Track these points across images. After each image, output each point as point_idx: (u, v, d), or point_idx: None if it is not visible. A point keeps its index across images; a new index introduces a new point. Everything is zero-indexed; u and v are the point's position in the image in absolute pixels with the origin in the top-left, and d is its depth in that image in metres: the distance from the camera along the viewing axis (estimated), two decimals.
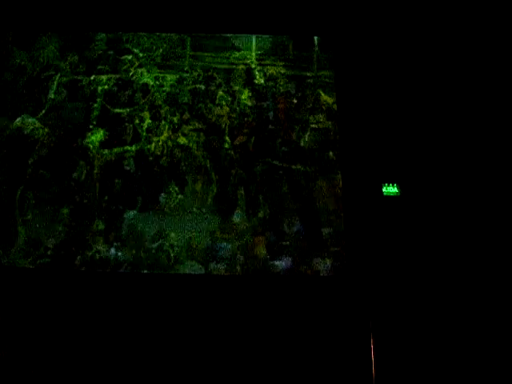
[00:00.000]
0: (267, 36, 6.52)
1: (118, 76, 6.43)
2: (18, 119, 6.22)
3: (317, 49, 6.47)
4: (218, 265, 5.59)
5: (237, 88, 6.35)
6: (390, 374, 5.43)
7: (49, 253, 5.61)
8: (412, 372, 5.44)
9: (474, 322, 5.57)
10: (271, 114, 6.21)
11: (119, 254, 5.64)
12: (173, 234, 5.70)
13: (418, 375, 5.43)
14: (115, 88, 6.39)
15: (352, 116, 6.25)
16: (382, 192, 6.02)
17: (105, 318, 5.39)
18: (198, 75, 6.38)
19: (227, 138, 6.08)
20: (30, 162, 6.00)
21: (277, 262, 5.57)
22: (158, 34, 6.57)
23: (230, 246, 5.66)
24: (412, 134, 6.21)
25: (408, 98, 6.31)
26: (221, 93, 6.34)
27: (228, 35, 6.54)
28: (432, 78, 6.39)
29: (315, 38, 6.50)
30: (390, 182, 6.05)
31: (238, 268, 5.55)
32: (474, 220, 5.92)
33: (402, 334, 5.53)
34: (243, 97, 6.33)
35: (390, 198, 6.02)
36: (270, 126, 6.12)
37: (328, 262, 5.62)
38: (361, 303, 5.60)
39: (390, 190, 6.03)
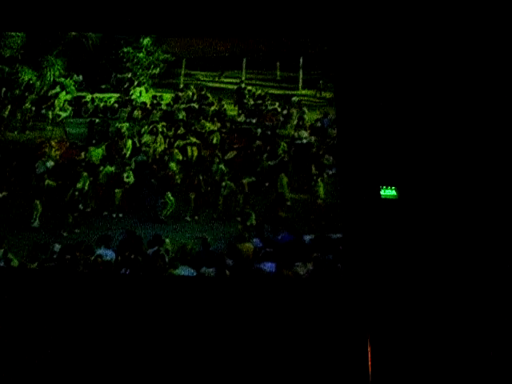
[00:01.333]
0: (256, 57, 6.96)
1: (118, 95, 6.91)
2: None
3: (301, 70, 6.92)
4: (209, 269, 5.91)
5: (227, 106, 6.82)
6: (386, 376, 5.46)
7: (55, 256, 5.99)
8: (408, 373, 5.45)
9: (471, 323, 5.55)
10: (259, 130, 6.67)
11: (119, 258, 5.99)
12: (168, 240, 6.04)
13: (414, 376, 5.43)
14: (116, 105, 6.87)
15: (350, 120, 6.37)
16: (380, 195, 6.13)
17: (106, 317, 5.62)
18: (193, 94, 6.86)
19: (218, 152, 6.52)
20: (37, 172, 6.45)
21: (262, 266, 5.90)
22: (156, 54, 7.05)
23: (219, 251, 5.99)
24: (409, 138, 6.22)
25: (406, 102, 6.36)
26: (213, 110, 6.80)
27: (220, 55, 7.00)
28: (430, 81, 6.40)
29: (300, 59, 6.95)
30: (389, 184, 6.14)
31: (227, 271, 5.89)
32: (472, 222, 5.88)
33: (399, 335, 5.57)
34: (233, 113, 6.80)
35: (388, 201, 6.11)
36: (258, 142, 6.57)
37: (313, 266, 5.88)
38: (358, 305, 5.64)
39: (388, 192, 6.15)
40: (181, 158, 6.54)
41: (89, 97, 6.95)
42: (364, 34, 6.61)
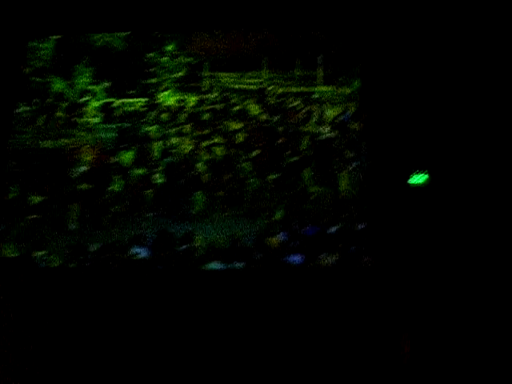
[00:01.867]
0: (276, 56, 7.18)
1: (145, 99, 7.20)
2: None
3: (320, 67, 7.13)
4: (238, 263, 6.14)
5: (250, 106, 7.07)
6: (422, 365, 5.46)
7: (92, 256, 6.29)
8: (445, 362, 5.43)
9: (505, 311, 5.41)
10: (281, 128, 6.90)
11: (153, 255, 6.26)
12: (198, 237, 6.27)
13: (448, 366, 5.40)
14: (143, 109, 7.17)
15: (377, 105, 6.32)
16: (409, 182, 6.06)
17: (142, 310, 5.80)
18: (216, 96, 7.12)
19: (243, 151, 6.77)
20: (72, 177, 6.77)
21: (289, 258, 6.12)
22: (179, 58, 7.32)
23: (248, 246, 6.21)
24: (438, 123, 6.07)
25: (435, 86, 6.20)
26: (236, 110, 7.05)
27: (241, 55, 7.23)
28: (463, 63, 6.21)
29: (319, 57, 7.15)
30: (419, 171, 6.04)
31: (256, 265, 6.13)
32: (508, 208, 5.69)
33: (434, 323, 5.54)
34: (256, 113, 7.04)
35: (418, 188, 6.05)
36: (281, 140, 6.80)
37: (338, 257, 6.07)
38: (387, 293, 5.66)
39: (418, 179, 6.09)
40: (207, 158, 6.79)
41: (117, 102, 7.25)
42: (388, 21, 6.48)
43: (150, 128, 7.05)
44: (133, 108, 7.22)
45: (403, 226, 5.87)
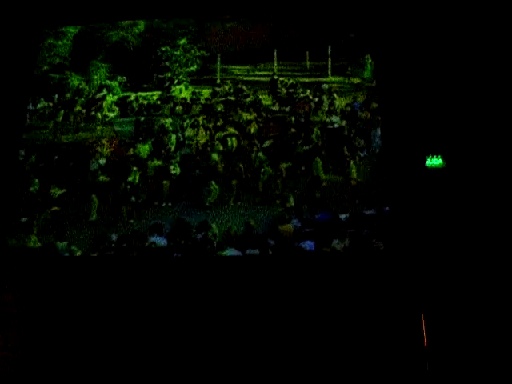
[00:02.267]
0: (287, 47, 7.33)
1: (160, 92, 7.40)
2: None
3: (330, 58, 7.26)
4: (253, 250, 6.31)
5: (262, 96, 7.24)
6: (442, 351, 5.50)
7: (113, 245, 6.52)
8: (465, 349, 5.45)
9: None
10: (293, 118, 7.06)
11: (171, 243, 6.46)
12: (214, 225, 6.47)
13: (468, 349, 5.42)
14: (158, 102, 7.37)
15: (393, 88, 6.48)
16: (425, 164, 6.14)
17: (161, 297, 6.06)
18: (229, 88, 7.30)
19: (256, 141, 6.94)
20: (91, 169, 7.00)
21: (302, 244, 6.28)
22: (192, 51, 7.50)
23: (262, 233, 6.38)
24: (454, 106, 6.13)
25: (450, 69, 6.26)
26: (248, 101, 7.22)
27: (253, 47, 7.39)
28: (476, 48, 6.28)
29: (329, 47, 7.28)
30: (435, 153, 6.10)
31: (270, 251, 6.29)
32: None
33: (452, 309, 5.60)
34: (268, 103, 7.21)
35: (435, 171, 6.11)
36: (292, 129, 6.97)
37: (349, 242, 6.20)
38: (409, 277, 5.76)
39: (435, 162, 6.16)
40: (222, 148, 6.96)
41: (133, 96, 7.43)
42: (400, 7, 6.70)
43: (166, 120, 7.23)
44: (148, 101, 7.39)
45: (419, 209, 6.01)
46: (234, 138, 7.00)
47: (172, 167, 6.92)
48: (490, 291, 5.65)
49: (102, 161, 7.07)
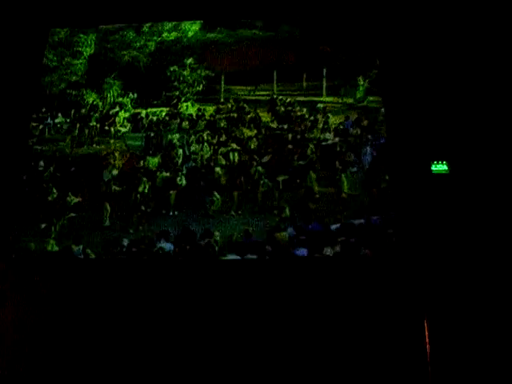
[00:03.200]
0: (285, 69, 7.85)
1: (168, 108, 7.93)
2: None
3: (325, 79, 7.75)
4: (252, 255, 6.70)
5: (262, 113, 7.75)
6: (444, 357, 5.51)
7: (124, 250, 6.94)
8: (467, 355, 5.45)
9: None
10: (290, 135, 7.53)
11: (177, 249, 6.87)
12: (217, 233, 6.89)
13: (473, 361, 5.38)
14: (167, 118, 7.89)
15: (398, 94, 6.59)
16: (430, 170, 6.14)
17: (168, 297, 6.40)
18: (232, 106, 7.83)
19: (256, 156, 7.40)
20: (105, 180, 7.50)
21: (296, 251, 6.69)
22: (198, 70, 8.03)
23: (260, 240, 6.77)
24: (459, 111, 6.11)
25: (454, 76, 6.25)
26: (249, 118, 7.74)
27: (254, 68, 7.91)
28: (479, 54, 6.27)
29: (324, 69, 7.79)
30: (440, 159, 6.08)
31: (267, 256, 6.68)
32: None
33: (456, 313, 5.62)
34: (267, 120, 7.70)
35: (440, 176, 6.12)
36: (289, 146, 7.46)
37: (339, 249, 6.57)
38: (412, 282, 5.85)
39: (440, 167, 6.17)
40: (224, 162, 7.42)
41: (143, 112, 7.92)
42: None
43: (173, 136, 7.72)
44: (157, 116, 7.88)
45: (424, 214, 6.09)
46: (235, 153, 7.45)
47: (179, 179, 7.36)
48: (493, 298, 5.68)
49: (115, 172, 7.52)
